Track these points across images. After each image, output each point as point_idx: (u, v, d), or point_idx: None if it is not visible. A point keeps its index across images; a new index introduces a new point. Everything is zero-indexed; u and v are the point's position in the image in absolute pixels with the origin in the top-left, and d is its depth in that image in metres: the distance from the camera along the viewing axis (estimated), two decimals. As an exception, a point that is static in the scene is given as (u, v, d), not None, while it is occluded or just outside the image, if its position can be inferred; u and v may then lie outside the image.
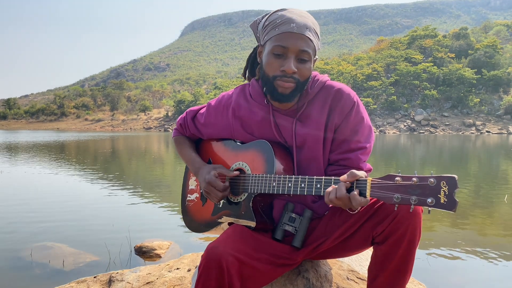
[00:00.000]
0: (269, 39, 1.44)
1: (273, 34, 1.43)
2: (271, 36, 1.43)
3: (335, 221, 1.46)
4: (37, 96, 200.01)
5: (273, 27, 1.43)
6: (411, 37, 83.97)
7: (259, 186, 1.46)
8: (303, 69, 1.43)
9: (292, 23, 1.40)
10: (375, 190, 1.21)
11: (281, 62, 1.42)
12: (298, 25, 1.40)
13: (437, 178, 1.12)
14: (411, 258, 1.34)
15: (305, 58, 1.42)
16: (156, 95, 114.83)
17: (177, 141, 1.88)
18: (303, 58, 1.42)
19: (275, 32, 1.42)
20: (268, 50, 1.44)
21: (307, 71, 1.44)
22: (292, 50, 1.40)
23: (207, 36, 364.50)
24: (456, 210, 1.09)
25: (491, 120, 58.98)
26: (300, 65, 1.42)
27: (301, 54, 1.41)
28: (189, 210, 1.82)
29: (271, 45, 1.43)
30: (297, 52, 1.40)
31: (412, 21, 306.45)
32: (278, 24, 1.42)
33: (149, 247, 3.81)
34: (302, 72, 1.43)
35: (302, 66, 1.43)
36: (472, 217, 5.34)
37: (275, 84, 1.44)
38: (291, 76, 1.42)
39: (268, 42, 1.45)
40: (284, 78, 1.42)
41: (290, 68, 1.40)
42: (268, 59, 1.44)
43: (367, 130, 1.53)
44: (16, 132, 53.90)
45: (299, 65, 1.42)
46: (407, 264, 1.34)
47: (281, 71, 1.42)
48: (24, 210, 5.65)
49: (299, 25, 1.39)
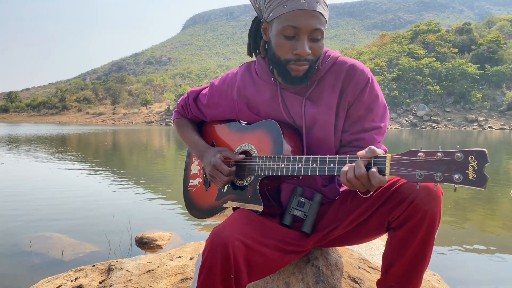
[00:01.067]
0: (277, 17, 1.31)
1: (281, 12, 1.29)
2: (279, 14, 1.29)
3: (348, 206, 1.37)
4: (39, 89, 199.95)
5: (280, 3, 1.29)
6: (414, 32, 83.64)
7: (267, 168, 1.37)
8: (317, 48, 1.32)
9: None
10: (395, 168, 1.10)
11: (294, 44, 1.30)
12: (308, 0, 1.26)
13: (465, 152, 1.01)
14: (430, 245, 1.22)
15: (318, 37, 1.31)
16: (157, 89, 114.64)
17: (179, 123, 1.77)
18: (316, 37, 1.30)
19: (283, 10, 1.28)
20: (277, 30, 1.31)
21: (320, 49, 1.34)
22: (304, 30, 1.28)
23: (208, 30, 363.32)
24: (486, 186, 0.98)
25: (494, 116, 58.74)
26: (313, 45, 1.31)
27: (314, 33, 1.29)
28: (192, 195, 1.74)
29: (280, 24, 1.30)
30: (310, 31, 1.28)
31: (415, 16, 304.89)
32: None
33: (150, 238, 3.74)
34: (316, 51, 1.33)
35: (315, 45, 1.32)
36: (474, 212, 5.26)
37: (288, 68, 1.34)
38: (305, 58, 1.31)
39: (275, 20, 1.32)
40: (298, 62, 1.31)
41: (305, 51, 1.29)
42: (278, 41, 1.32)
43: (381, 108, 1.43)
44: (17, 125, 53.94)
45: (312, 45, 1.31)
46: (426, 251, 1.22)
47: (294, 54, 1.30)
48: (24, 201, 5.60)
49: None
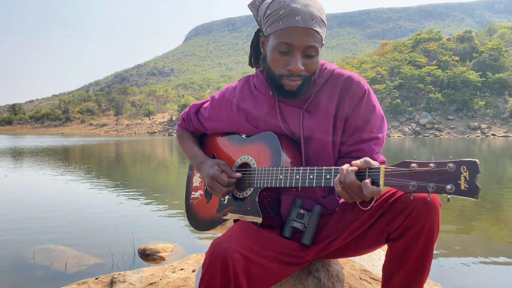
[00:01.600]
0: (273, 32, 1.34)
1: (276, 28, 1.32)
2: (275, 30, 1.33)
3: (347, 217, 1.38)
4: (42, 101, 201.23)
5: (276, 19, 1.32)
6: (415, 41, 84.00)
7: (266, 179, 1.39)
8: (310, 64, 1.35)
9: (296, 15, 1.28)
10: (389, 178, 1.12)
11: (287, 59, 1.33)
12: (303, 18, 1.29)
13: (457, 163, 1.02)
14: (429, 256, 1.24)
15: (312, 54, 1.34)
16: (160, 99, 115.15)
17: (180, 136, 1.81)
18: (310, 54, 1.33)
19: (279, 26, 1.31)
20: (272, 45, 1.35)
21: (314, 66, 1.37)
22: (298, 47, 1.31)
23: (211, 41, 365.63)
24: (478, 196, 1.00)
25: (497, 123, 58.69)
26: (307, 61, 1.34)
27: (307, 50, 1.32)
28: (193, 208, 1.76)
29: (275, 40, 1.33)
30: (303, 48, 1.31)
31: (415, 25, 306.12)
32: (282, 16, 1.30)
33: (153, 249, 3.74)
34: (309, 67, 1.35)
35: (309, 62, 1.34)
36: (479, 220, 5.24)
37: (281, 82, 1.37)
38: (298, 74, 1.34)
39: (271, 36, 1.35)
40: (291, 77, 1.34)
41: (297, 67, 1.32)
42: (273, 56, 1.35)
43: (379, 119, 1.45)
44: (21, 137, 54.18)
45: (305, 61, 1.34)
46: (425, 261, 1.24)
47: (287, 70, 1.34)
48: (27, 213, 5.62)
49: (304, 17, 1.29)
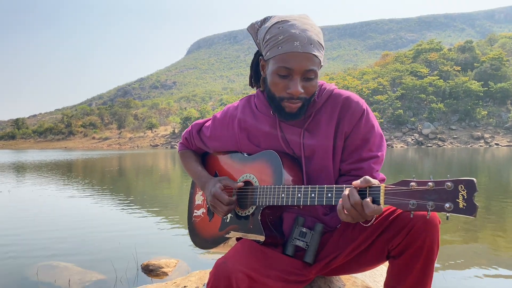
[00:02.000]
0: (272, 57, 1.38)
1: (276, 53, 1.37)
2: (274, 54, 1.37)
3: (348, 235, 1.40)
4: (45, 115, 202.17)
5: (276, 44, 1.37)
6: (416, 51, 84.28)
7: (268, 198, 1.41)
8: (310, 87, 1.39)
9: (295, 41, 1.33)
10: (389, 197, 1.15)
11: (287, 83, 1.37)
12: (302, 43, 1.33)
13: (455, 181, 1.05)
14: (429, 272, 1.26)
15: (311, 77, 1.38)
16: (162, 112, 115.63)
17: (183, 155, 1.84)
18: (309, 77, 1.37)
19: (279, 51, 1.36)
20: (272, 69, 1.39)
21: (313, 88, 1.40)
22: (297, 71, 1.35)
23: (212, 53, 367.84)
24: (477, 215, 1.02)
25: (500, 133, 58.57)
26: (306, 84, 1.38)
27: (306, 74, 1.36)
28: (196, 226, 1.77)
29: (275, 65, 1.37)
30: (302, 72, 1.35)
31: (416, 35, 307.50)
32: (281, 41, 1.35)
33: (156, 265, 3.74)
34: (309, 90, 1.39)
35: (308, 84, 1.38)
36: (484, 231, 5.22)
37: (282, 104, 1.41)
38: (298, 97, 1.38)
39: (271, 60, 1.39)
40: (291, 100, 1.38)
41: (297, 91, 1.35)
42: (273, 79, 1.39)
43: (378, 138, 1.48)
44: (24, 152, 54.33)
45: (305, 84, 1.38)
46: (426, 278, 1.26)
47: (288, 93, 1.38)
48: (30, 228, 5.62)
49: (303, 42, 1.33)
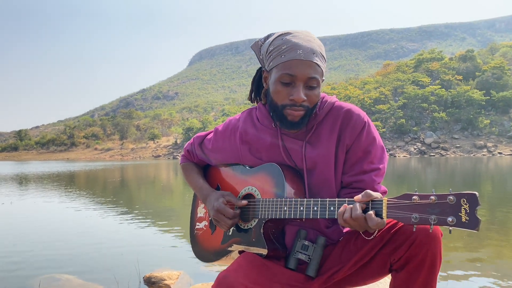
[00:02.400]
0: (276, 66, 1.40)
1: (279, 62, 1.39)
2: (278, 63, 1.39)
3: (351, 248, 1.39)
4: (48, 127, 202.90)
5: (279, 54, 1.39)
6: (418, 61, 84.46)
7: (270, 211, 1.41)
8: (312, 96, 1.40)
9: (298, 49, 1.36)
10: (391, 211, 1.16)
11: (290, 90, 1.38)
12: (305, 52, 1.36)
13: (457, 195, 1.06)
14: (432, 285, 1.26)
15: (314, 85, 1.39)
16: (165, 123, 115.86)
17: (185, 168, 1.84)
18: (311, 85, 1.39)
19: (282, 60, 1.38)
20: (275, 77, 1.40)
21: (315, 97, 1.42)
22: (300, 78, 1.36)
23: (214, 64, 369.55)
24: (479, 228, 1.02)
25: (503, 142, 58.42)
26: (309, 92, 1.39)
27: (309, 82, 1.38)
28: (198, 238, 1.77)
29: (278, 73, 1.39)
30: (305, 80, 1.37)
31: (417, 45, 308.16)
32: (284, 50, 1.38)
33: (158, 277, 3.73)
34: (311, 98, 1.40)
35: (311, 93, 1.39)
36: (488, 241, 5.19)
37: (284, 112, 1.42)
38: (301, 104, 1.39)
39: (274, 69, 1.41)
40: (293, 107, 1.39)
41: (300, 97, 1.36)
42: (276, 87, 1.40)
43: (379, 150, 1.48)
44: (27, 163, 54.46)
45: (307, 92, 1.39)
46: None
47: (290, 100, 1.38)
48: (32, 240, 5.62)
49: (306, 51, 1.36)
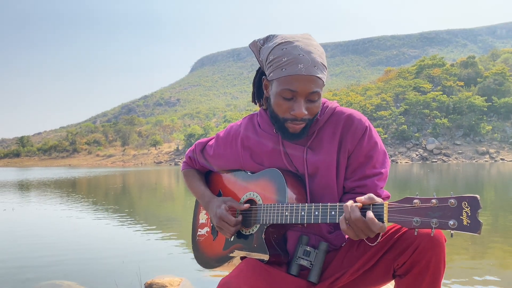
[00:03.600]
0: (276, 78, 1.38)
1: (280, 75, 1.36)
2: (278, 76, 1.37)
3: (353, 253, 1.38)
4: (50, 133, 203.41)
5: (279, 66, 1.36)
6: (419, 67, 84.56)
7: (271, 216, 1.40)
8: (313, 108, 1.40)
9: (299, 63, 1.33)
10: (392, 215, 1.15)
11: (291, 104, 1.37)
12: (306, 66, 1.33)
13: (458, 198, 1.06)
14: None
15: (315, 99, 1.38)
16: (166, 129, 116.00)
17: (186, 174, 1.84)
18: (312, 99, 1.38)
19: (282, 73, 1.35)
20: (276, 91, 1.39)
21: (316, 109, 1.41)
22: (301, 93, 1.35)
23: (216, 71, 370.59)
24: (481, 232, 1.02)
25: (505, 148, 58.32)
26: (310, 105, 1.39)
27: (310, 96, 1.37)
28: (200, 245, 1.76)
29: (279, 87, 1.37)
30: (306, 94, 1.36)
31: (418, 51, 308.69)
32: (285, 63, 1.35)
33: (160, 283, 3.71)
34: (312, 110, 1.40)
35: (312, 106, 1.39)
36: (491, 247, 5.16)
37: (286, 125, 1.41)
38: (302, 118, 1.38)
39: (275, 81, 1.39)
40: (295, 121, 1.39)
41: (301, 112, 1.36)
42: (277, 101, 1.39)
43: (381, 155, 1.48)
44: (28, 169, 54.52)
45: (309, 105, 1.38)
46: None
47: (292, 114, 1.38)
48: (33, 246, 5.60)
49: (307, 65, 1.33)
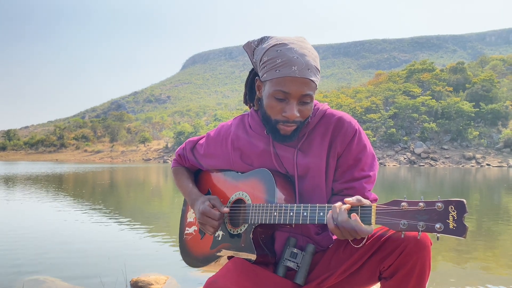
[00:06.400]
0: (270, 80, 1.38)
1: (273, 76, 1.37)
2: (272, 77, 1.37)
3: (340, 255, 1.40)
4: (38, 127, 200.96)
5: (273, 67, 1.37)
6: (409, 71, 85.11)
7: (260, 216, 1.40)
8: (305, 111, 1.40)
9: (293, 65, 1.33)
10: (380, 217, 1.17)
11: (283, 106, 1.38)
12: (299, 68, 1.34)
13: (445, 202, 1.08)
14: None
15: (307, 101, 1.39)
16: (156, 126, 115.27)
17: (176, 172, 1.83)
18: (305, 101, 1.38)
19: (276, 75, 1.36)
20: (268, 92, 1.39)
21: (308, 112, 1.42)
22: (294, 95, 1.36)
23: (208, 69, 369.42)
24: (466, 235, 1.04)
25: (491, 153, 58.98)
26: (302, 108, 1.39)
27: (303, 98, 1.37)
28: (187, 243, 1.76)
29: (272, 88, 1.37)
30: (299, 97, 1.37)
31: (409, 56, 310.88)
32: (278, 65, 1.35)
33: (145, 281, 3.69)
34: (304, 113, 1.41)
35: (304, 108, 1.40)
36: (476, 251, 5.22)
37: (277, 127, 1.42)
38: (293, 120, 1.39)
39: (268, 82, 1.40)
40: (286, 123, 1.40)
41: (293, 114, 1.37)
42: (269, 102, 1.40)
43: (370, 158, 1.49)
44: (14, 163, 53.82)
45: (301, 108, 1.39)
46: None
47: (283, 116, 1.39)
48: (17, 242, 5.54)
49: (301, 67, 1.34)
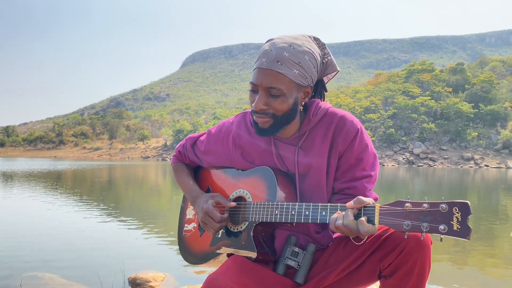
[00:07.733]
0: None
1: (252, 68, 1.43)
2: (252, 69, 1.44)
3: (340, 253, 1.39)
4: (36, 124, 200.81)
5: (256, 60, 1.43)
6: (409, 71, 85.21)
7: (261, 214, 1.40)
8: (274, 104, 1.39)
9: (264, 57, 1.37)
10: (384, 217, 1.16)
11: (254, 97, 1.41)
12: (268, 60, 1.36)
13: (449, 204, 1.08)
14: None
15: (276, 94, 1.38)
16: (155, 124, 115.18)
17: (176, 168, 1.82)
18: (273, 94, 1.38)
19: (254, 67, 1.43)
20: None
21: (279, 106, 1.39)
22: (260, 86, 1.38)
23: (207, 67, 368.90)
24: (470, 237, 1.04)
25: (490, 154, 59.10)
26: (271, 101, 1.39)
27: (270, 91, 1.38)
28: (186, 240, 1.75)
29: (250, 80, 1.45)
30: (265, 88, 1.38)
31: (409, 56, 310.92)
32: (258, 57, 1.41)
33: (144, 279, 3.69)
34: (274, 107, 1.39)
35: (273, 101, 1.39)
36: (474, 252, 5.23)
37: (254, 118, 1.44)
38: (263, 112, 1.39)
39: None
40: (256, 114, 1.42)
41: (257, 105, 1.39)
42: (249, 94, 1.44)
43: (371, 157, 1.49)
44: (13, 160, 53.75)
45: (270, 101, 1.39)
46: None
47: (252, 106, 1.42)
48: (15, 238, 5.53)
49: (270, 59, 1.35)
